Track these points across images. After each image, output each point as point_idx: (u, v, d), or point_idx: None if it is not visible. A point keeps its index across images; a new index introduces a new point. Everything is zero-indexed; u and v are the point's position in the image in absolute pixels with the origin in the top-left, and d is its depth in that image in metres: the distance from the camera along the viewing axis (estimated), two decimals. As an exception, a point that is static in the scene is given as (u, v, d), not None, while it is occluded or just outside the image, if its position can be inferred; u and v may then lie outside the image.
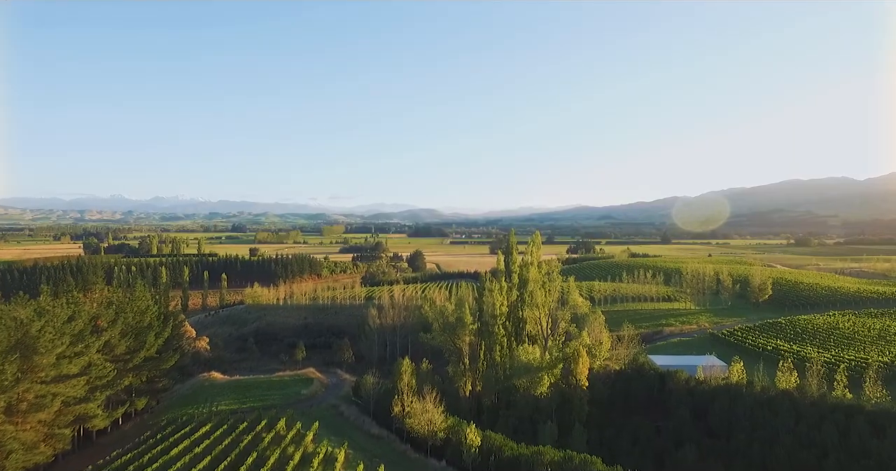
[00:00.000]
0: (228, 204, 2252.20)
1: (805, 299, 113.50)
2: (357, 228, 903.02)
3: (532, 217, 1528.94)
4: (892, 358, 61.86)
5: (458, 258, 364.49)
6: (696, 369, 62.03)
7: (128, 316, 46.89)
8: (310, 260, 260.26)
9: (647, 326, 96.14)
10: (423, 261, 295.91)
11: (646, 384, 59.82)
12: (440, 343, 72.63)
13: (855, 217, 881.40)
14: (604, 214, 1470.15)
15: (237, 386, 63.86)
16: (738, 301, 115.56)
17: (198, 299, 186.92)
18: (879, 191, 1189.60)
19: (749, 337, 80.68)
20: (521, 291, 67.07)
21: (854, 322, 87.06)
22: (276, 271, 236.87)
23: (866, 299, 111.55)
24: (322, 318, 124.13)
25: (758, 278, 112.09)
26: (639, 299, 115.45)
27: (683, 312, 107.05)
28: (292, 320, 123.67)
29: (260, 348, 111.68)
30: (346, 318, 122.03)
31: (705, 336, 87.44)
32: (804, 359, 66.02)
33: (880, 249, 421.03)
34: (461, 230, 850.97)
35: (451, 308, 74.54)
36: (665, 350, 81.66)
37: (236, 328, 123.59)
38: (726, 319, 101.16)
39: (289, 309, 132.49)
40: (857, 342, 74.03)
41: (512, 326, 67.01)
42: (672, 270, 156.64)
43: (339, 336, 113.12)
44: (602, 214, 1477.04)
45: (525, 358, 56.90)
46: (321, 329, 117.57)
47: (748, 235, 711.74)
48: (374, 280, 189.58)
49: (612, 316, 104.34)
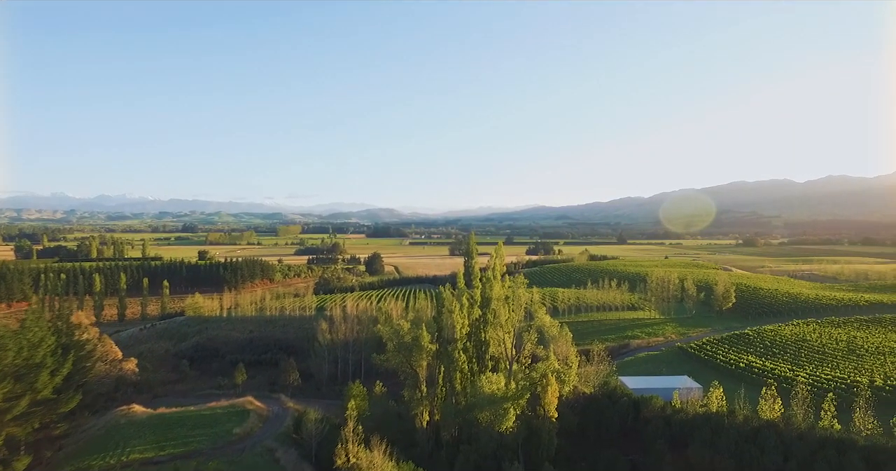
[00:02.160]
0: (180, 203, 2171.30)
1: (767, 307, 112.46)
2: (314, 229, 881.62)
3: (491, 217, 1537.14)
4: (871, 378, 59.13)
5: (417, 260, 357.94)
6: (670, 392, 57.58)
7: (7, 354, 38.27)
8: (261, 264, 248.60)
9: (613, 339, 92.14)
10: (380, 264, 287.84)
11: (619, 412, 54.90)
12: (395, 365, 66.04)
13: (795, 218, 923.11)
14: (561, 215, 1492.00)
15: (159, 423, 55.41)
16: (702, 309, 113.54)
17: (137, 308, 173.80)
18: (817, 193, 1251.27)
19: (719, 351, 77.43)
20: (483, 309, 61.15)
21: (820, 333, 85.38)
22: (224, 277, 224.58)
23: (825, 306, 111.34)
24: (269, 331, 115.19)
25: (721, 286, 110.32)
26: (603, 308, 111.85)
27: (649, 322, 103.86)
28: (236, 334, 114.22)
29: (199, 367, 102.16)
30: (295, 331, 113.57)
31: (673, 350, 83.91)
32: (780, 378, 62.85)
33: (821, 250, 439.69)
34: (420, 230, 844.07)
35: (406, 327, 67.87)
36: (634, 367, 77.54)
37: (174, 344, 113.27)
38: (692, 329, 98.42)
39: (233, 321, 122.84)
40: (829, 357, 71.66)
41: (474, 348, 61.04)
42: (635, 275, 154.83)
43: (288, 352, 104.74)
44: (559, 215, 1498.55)
45: (488, 389, 50.96)
46: (268, 344, 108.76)
47: (699, 235, 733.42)
48: (329, 287, 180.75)
49: (578, 327, 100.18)
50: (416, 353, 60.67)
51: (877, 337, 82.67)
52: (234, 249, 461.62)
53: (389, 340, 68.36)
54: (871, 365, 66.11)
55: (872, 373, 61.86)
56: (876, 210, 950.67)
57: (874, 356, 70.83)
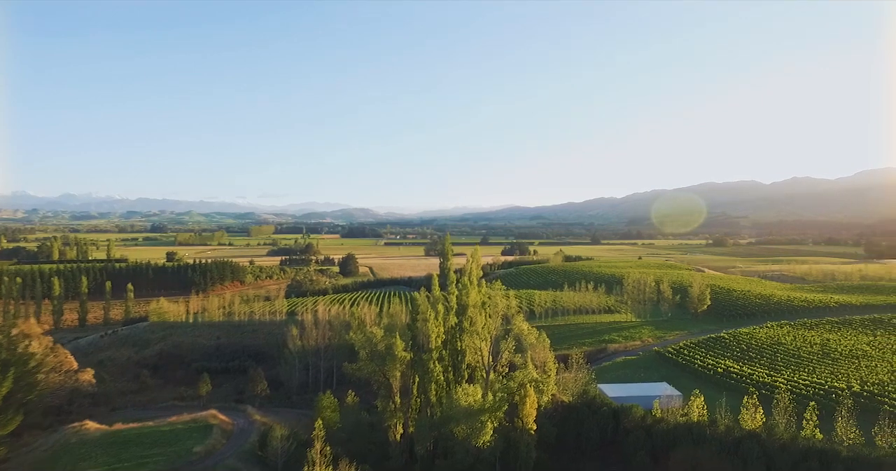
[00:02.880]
0: (148, 202, 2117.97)
1: (741, 309, 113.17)
2: (288, 229, 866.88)
3: (466, 217, 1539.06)
4: (848, 383, 58.91)
5: (392, 261, 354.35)
6: (650, 401, 56.32)
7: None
8: (232, 266, 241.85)
9: (590, 343, 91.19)
10: (355, 265, 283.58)
11: (599, 423, 53.34)
12: (368, 375, 63.50)
13: (762, 218, 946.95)
14: (536, 215, 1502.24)
15: (113, 442, 51.75)
16: (677, 311, 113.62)
17: (99, 312, 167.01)
18: (782, 194, 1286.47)
19: (697, 356, 76.87)
20: (459, 317, 59.00)
21: (794, 336, 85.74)
22: (193, 279, 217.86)
23: (797, 308, 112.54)
24: (237, 337, 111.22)
25: (697, 288, 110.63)
26: (580, 311, 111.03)
27: (626, 325, 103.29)
28: (203, 341, 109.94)
29: (164, 375, 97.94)
30: (265, 337, 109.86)
31: (651, 354, 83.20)
32: (758, 384, 62.31)
33: (787, 250, 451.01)
34: (396, 231, 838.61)
35: (379, 334, 65.38)
36: (612, 372, 76.45)
37: (136, 351, 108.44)
38: (669, 332, 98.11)
39: (200, 327, 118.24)
40: (805, 361, 71.64)
41: (450, 357, 58.86)
42: (610, 277, 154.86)
43: (257, 359, 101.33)
44: (534, 215, 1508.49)
45: (465, 401, 48.80)
46: (236, 351, 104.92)
47: (670, 235, 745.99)
48: (301, 290, 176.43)
49: (555, 332, 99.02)
50: (390, 362, 58.29)
51: (848, 340, 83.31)
52: (205, 250, 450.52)
53: (362, 348, 65.77)
54: (847, 369, 66.15)
55: (849, 378, 61.77)
56: (837, 211, 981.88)
57: (848, 360, 71.06)
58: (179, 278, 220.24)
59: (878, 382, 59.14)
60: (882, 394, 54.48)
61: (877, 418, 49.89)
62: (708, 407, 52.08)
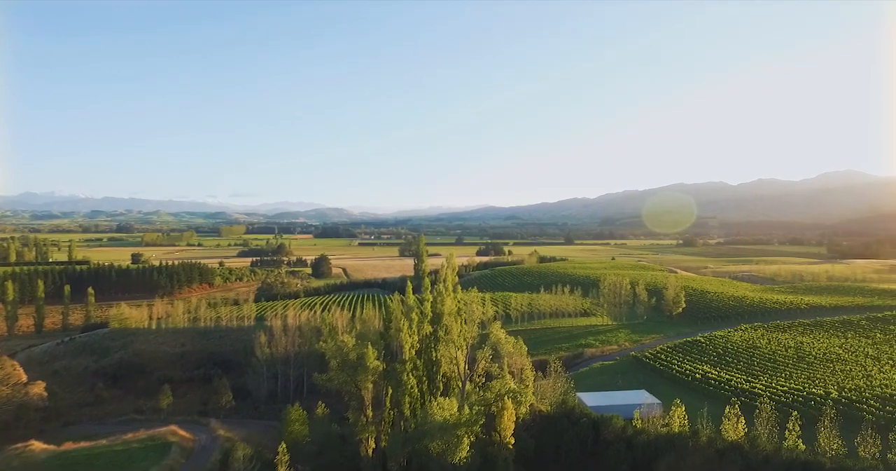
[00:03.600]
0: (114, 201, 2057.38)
1: (715, 311, 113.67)
2: (260, 229, 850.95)
3: (441, 217, 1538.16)
4: (825, 389, 58.57)
5: (366, 262, 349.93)
6: (630, 410, 54.98)
7: None
8: (200, 267, 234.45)
9: (567, 348, 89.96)
10: (328, 266, 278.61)
11: (578, 435, 51.66)
12: (339, 386, 60.69)
13: (730, 219, 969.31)
14: (510, 215, 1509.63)
15: (61, 464, 47.95)
16: (653, 314, 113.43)
17: (57, 317, 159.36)
18: (749, 195, 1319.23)
19: (674, 361, 76.14)
20: (434, 325, 56.69)
21: (769, 339, 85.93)
22: (159, 282, 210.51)
23: (769, 310, 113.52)
24: (203, 344, 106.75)
25: (672, 291, 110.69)
26: (556, 314, 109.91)
27: (602, 328, 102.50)
28: (167, 348, 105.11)
29: (124, 385, 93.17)
30: (232, 343, 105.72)
31: (628, 360, 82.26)
32: (737, 390, 61.67)
33: (754, 250, 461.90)
34: (370, 231, 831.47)
35: (351, 343, 62.67)
36: (589, 378, 75.21)
37: (95, 360, 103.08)
38: (645, 336, 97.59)
39: (163, 333, 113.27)
40: (781, 366, 71.50)
41: (424, 368, 56.48)
42: (585, 279, 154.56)
43: (224, 367, 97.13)
44: (509, 215, 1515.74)
45: (440, 416, 46.50)
46: (201, 359, 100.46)
47: (642, 235, 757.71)
48: (271, 293, 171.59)
49: (531, 336, 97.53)
50: (361, 373, 55.59)
51: (821, 342, 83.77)
52: (173, 251, 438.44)
53: (332, 357, 62.89)
54: (822, 374, 66.06)
55: (826, 384, 61.53)
56: (801, 212, 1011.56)
57: (823, 364, 71.14)
58: (145, 281, 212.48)
59: (854, 388, 58.98)
60: (860, 401, 54.17)
61: (858, 427, 49.50)
62: (689, 416, 50.94)
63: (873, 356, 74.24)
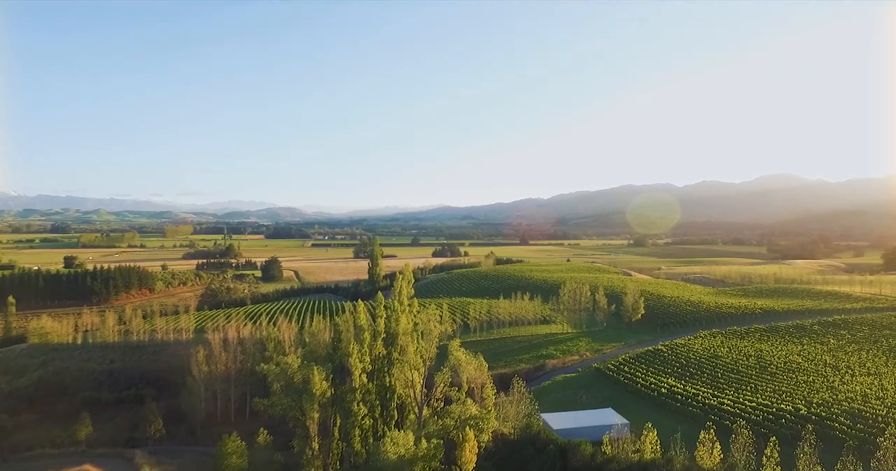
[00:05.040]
0: (50, 199, 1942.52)
1: (673, 317, 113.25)
2: (208, 229, 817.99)
3: (397, 217, 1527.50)
4: (793, 405, 56.99)
5: (319, 264, 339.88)
6: (597, 432, 51.53)
7: None
8: (139, 271, 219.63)
9: (527, 359, 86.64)
10: (278, 269, 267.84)
11: (545, 464, 47.66)
12: (282, 412, 54.99)
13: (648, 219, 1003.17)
14: (466, 215, 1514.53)
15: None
16: (612, 320, 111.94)
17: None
18: (693, 197, 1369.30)
19: (638, 373, 73.78)
20: (388, 347, 51.70)
21: (729, 347, 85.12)
22: (93, 288, 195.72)
23: (725, 315, 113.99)
24: (135, 361, 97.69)
25: (631, 297, 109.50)
26: (515, 323, 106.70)
27: (562, 337, 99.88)
28: (93, 366, 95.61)
29: (42, 409, 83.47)
30: (168, 359, 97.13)
31: (591, 372, 79.50)
32: (705, 407, 59.46)
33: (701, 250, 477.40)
34: (324, 231, 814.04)
35: (296, 364, 57.03)
36: (552, 393, 71.90)
37: (9, 380, 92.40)
38: (606, 344, 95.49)
39: (90, 349, 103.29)
40: (744, 377, 70.18)
41: (377, 394, 51.40)
42: (542, 283, 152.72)
43: (158, 386, 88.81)
44: (465, 215, 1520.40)
45: (393, 453, 41.52)
46: (132, 377, 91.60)
47: (594, 235, 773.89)
48: (216, 299, 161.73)
49: (491, 347, 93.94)
50: (307, 402, 50.21)
51: (780, 350, 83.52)
52: (112, 253, 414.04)
53: (276, 380, 57.21)
54: (787, 387, 64.88)
55: (793, 398, 60.12)
56: (742, 213, 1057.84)
57: (785, 375, 70.24)
58: (77, 287, 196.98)
59: (821, 402, 57.68)
60: (829, 417, 52.66)
61: (831, 446, 47.78)
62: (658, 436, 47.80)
63: (832, 365, 74.06)
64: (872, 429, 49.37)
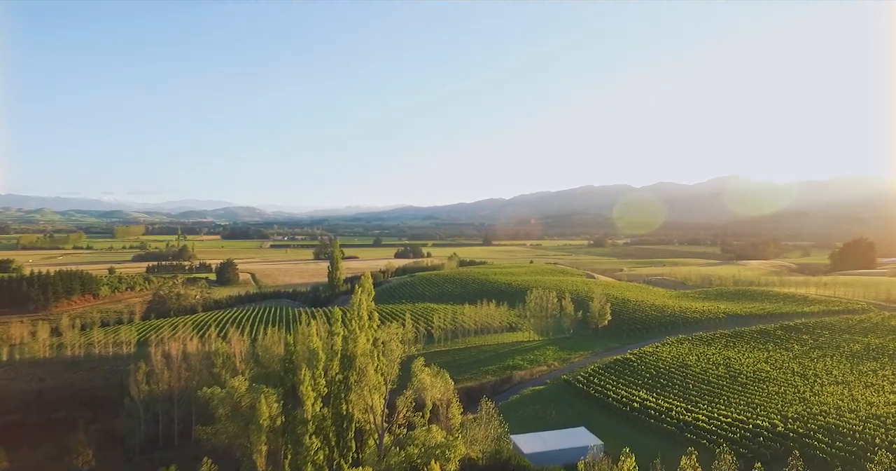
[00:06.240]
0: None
1: (639, 322, 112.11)
2: (161, 229, 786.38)
3: (360, 217, 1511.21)
4: (769, 421, 55.19)
5: (278, 266, 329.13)
6: (571, 455, 48.28)
7: None
8: (82, 276, 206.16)
9: (494, 371, 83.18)
10: (234, 272, 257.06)
11: (517, 495, 44.18)
12: (229, 440, 49.71)
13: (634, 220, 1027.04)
14: (429, 215, 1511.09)
15: None
16: (578, 326, 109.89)
17: None
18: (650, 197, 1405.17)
19: (608, 385, 71.28)
20: (345, 371, 47.06)
21: (697, 355, 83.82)
22: (29, 294, 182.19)
23: (690, 320, 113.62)
24: (69, 378, 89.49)
25: (597, 303, 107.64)
26: (481, 331, 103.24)
27: (529, 345, 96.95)
28: (20, 384, 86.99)
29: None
30: (105, 376, 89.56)
31: (559, 384, 76.65)
32: (679, 423, 57.14)
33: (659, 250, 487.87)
34: (283, 231, 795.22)
35: (243, 388, 51.75)
36: (521, 408, 68.59)
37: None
38: (573, 353, 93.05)
39: (17, 366, 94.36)
40: (715, 388, 68.54)
41: (332, 423, 46.71)
42: (506, 286, 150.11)
43: (93, 406, 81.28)
44: (427, 215, 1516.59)
45: (352, 494, 37.11)
46: (64, 397, 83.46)
47: (555, 235, 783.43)
48: (164, 307, 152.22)
49: (455, 357, 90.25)
50: (254, 433, 45.10)
51: (747, 357, 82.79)
52: (55, 255, 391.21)
53: (221, 405, 51.72)
54: (760, 399, 63.41)
55: (768, 412, 58.47)
56: (696, 213, 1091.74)
57: (756, 385, 69.01)
58: (12, 294, 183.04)
59: (797, 416, 56.14)
60: (808, 434, 50.99)
61: (811, 464, 45.92)
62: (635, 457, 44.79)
63: (800, 373, 73.41)
64: (853, 447, 47.84)
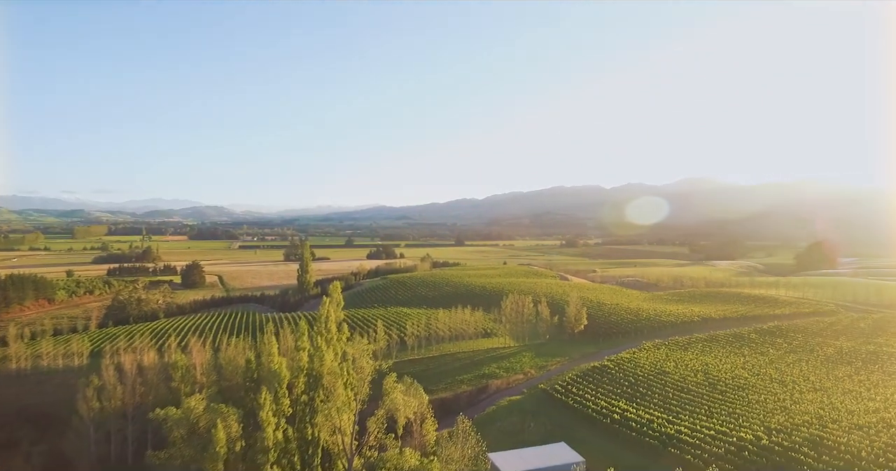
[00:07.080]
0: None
1: (615, 326, 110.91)
2: (125, 229, 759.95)
3: (331, 216, 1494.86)
4: (753, 432, 53.71)
5: (246, 268, 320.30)
6: (552, 475, 45.92)
7: None
8: (35, 279, 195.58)
9: (469, 380, 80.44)
10: (200, 275, 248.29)
11: (496, 521, 41.42)
12: (184, 465, 45.88)
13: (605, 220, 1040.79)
14: (401, 215, 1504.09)
15: None
16: (554, 331, 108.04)
17: None
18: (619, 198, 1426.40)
19: (587, 394, 69.27)
20: (311, 392, 43.63)
21: (675, 361, 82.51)
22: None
23: (665, 324, 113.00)
24: (13, 393, 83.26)
25: (573, 308, 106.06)
26: (455, 337, 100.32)
27: (505, 352, 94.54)
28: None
29: None
30: (55, 390, 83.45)
31: (537, 393, 74.34)
32: (662, 436, 55.25)
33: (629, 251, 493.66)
34: (253, 231, 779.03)
35: (201, 408, 47.96)
36: (497, 420, 66.04)
37: None
38: (550, 359, 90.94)
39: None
40: (695, 397, 67.05)
41: (297, 446, 43.24)
42: (481, 289, 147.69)
43: (39, 425, 75.51)
44: (400, 215, 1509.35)
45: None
46: (6, 415, 77.29)
47: (528, 235, 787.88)
48: (124, 313, 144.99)
49: (429, 366, 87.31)
50: (209, 461, 41.35)
51: (724, 363, 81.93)
52: (10, 257, 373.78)
53: (176, 426, 47.91)
54: (741, 409, 62.05)
55: (750, 423, 57.03)
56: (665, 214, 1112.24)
57: (735, 392, 67.82)
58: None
59: (780, 427, 54.81)
60: (793, 447, 49.54)
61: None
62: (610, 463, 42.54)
63: (778, 380, 72.65)
64: (839, 461, 46.56)
